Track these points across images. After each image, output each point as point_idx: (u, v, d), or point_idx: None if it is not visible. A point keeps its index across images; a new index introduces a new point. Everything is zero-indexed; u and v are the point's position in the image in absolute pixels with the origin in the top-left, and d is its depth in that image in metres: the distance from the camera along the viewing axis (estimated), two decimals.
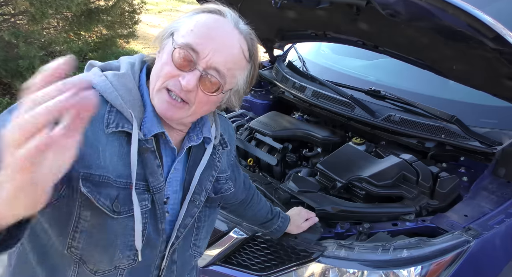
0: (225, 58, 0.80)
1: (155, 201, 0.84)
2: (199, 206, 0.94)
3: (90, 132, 0.75)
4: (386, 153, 1.69)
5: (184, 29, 0.80)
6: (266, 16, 1.99)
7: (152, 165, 0.83)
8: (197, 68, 0.78)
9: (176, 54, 0.78)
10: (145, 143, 0.81)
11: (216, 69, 0.80)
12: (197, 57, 0.78)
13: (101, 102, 0.79)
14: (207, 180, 0.95)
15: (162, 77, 0.80)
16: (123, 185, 0.79)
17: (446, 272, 1.15)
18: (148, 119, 0.82)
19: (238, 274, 1.33)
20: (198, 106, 0.82)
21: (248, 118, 2.24)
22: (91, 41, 5.53)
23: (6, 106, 4.41)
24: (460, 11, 1.09)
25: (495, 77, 1.38)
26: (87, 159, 0.74)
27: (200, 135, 0.92)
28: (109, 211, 0.77)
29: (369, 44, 1.78)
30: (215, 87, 0.81)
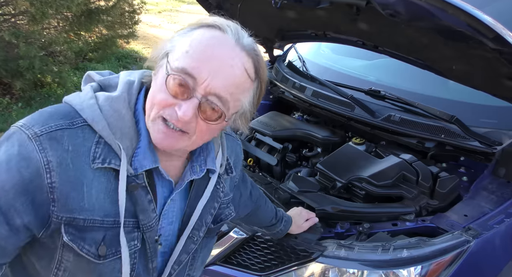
0: (226, 82, 0.71)
1: (145, 240, 0.78)
2: (197, 242, 0.88)
3: (73, 171, 0.69)
4: (386, 153, 1.69)
5: (178, 50, 0.72)
6: (266, 16, 1.99)
7: (143, 202, 0.75)
8: (195, 96, 0.70)
9: (170, 81, 0.70)
10: (135, 179, 0.74)
11: (216, 95, 0.71)
12: (194, 83, 0.70)
13: (88, 132, 0.71)
14: (208, 213, 0.88)
15: (156, 106, 0.72)
16: (111, 224, 0.73)
17: (446, 272, 1.15)
18: (141, 151, 0.74)
19: (238, 274, 1.33)
20: (199, 136, 0.74)
21: None
22: (91, 41, 5.54)
23: (6, 106, 4.41)
24: (460, 11, 1.09)
25: (495, 77, 1.38)
26: (70, 203, 0.69)
27: (203, 166, 0.84)
28: (93, 257, 0.72)
29: (369, 44, 1.78)
30: (216, 115, 0.72)
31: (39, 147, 0.67)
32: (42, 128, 0.69)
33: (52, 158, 0.67)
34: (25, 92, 4.51)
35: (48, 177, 0.67)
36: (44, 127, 0.69)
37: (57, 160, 0.68)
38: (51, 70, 4.49)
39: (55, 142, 0.68)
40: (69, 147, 0.69)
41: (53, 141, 0.68)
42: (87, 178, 0.70)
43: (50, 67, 4.46)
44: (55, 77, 4.65)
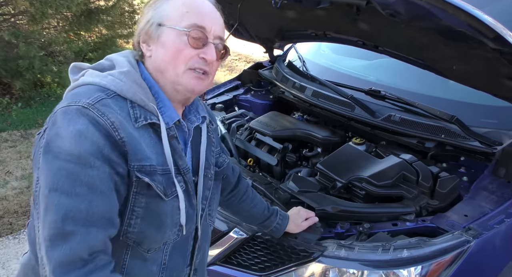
0: (220, 25, 0.92)
1: (186, 181, 0.93)
2: (211, 178, 1.04)
3: (130, 129, 0.81)
4: (386, 153, 1.68)
5: (176, 14, 0.87)
6: (266, 16, 1.99)
7: (179, 150, 0.91)
8: (210, 42, 0.88)
9: (191, 37, 0.85)
10: (169, 131, 0.89)
11: (219, 37, 0.91)
12: (205, 32, 0.87)
13: (121, 100, 0.83)
14: (210, 155, 1.05)
15: (182, 61, 0.86)
16: (162, 171, 0.86)
17: (446, 272, 1.15)
18: (166, 109, 0.90)
19: (238, 274, 1.33)
20: (213, 74, 0.92)
21: (248, 118, 2.24)
22: (91, 41, 5.53)
23: (6, 106, 4.41)
24: (460, 11, 1.09)
25: (495, 77, 1.38)
26: (138, 153, 0.81)
27: (197, 115, 1.01)
28: (163, 194, 0.85)
29: (369, 44, 1.78)
30: (223, 52, 0.93)
31: (98, 113, 0.77)
32: (90, 100, 0.78)
33: (113, 119, 0.78)
34: (24, 92, 4.52)
35: (117, 134, 0.78)
36: (91, 99, 0.79)
37: (117, 120, 0.78)
38: (51, 70, 4.49)
39: (108, 108, 0.79)
40: (117, 111, 0.80)
41: (106, 107, 0.79)
42: (137, 136, 0.82)
43: (50, 67, 4.46)
44: (55, 77, 4.65)
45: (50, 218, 0.73)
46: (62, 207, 0.73)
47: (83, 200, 0.74)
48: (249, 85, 2.56)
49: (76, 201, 0.73)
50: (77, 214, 0.73)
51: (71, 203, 0.73)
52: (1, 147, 3.78)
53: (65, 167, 0.74)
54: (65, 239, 0.72)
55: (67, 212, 0.72)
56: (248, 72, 2.60)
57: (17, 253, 2.51)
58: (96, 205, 0.75)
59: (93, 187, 0.75)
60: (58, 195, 0.73)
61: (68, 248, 0.72)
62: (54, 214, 0.73)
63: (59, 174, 0.74)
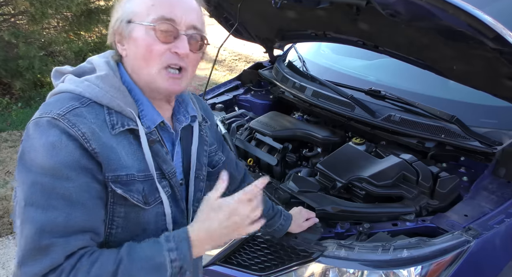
0: (195, 14, 0.85)
1: (173, 185, 0.91)
2: (203, 180, 1.02)
3: (105, 138, 0.78)
4: (386, 153, 1.68)
5: (142, 9, 0.82)
6: (266, 16, 1.99)
7: (162, 154, 0.88)
8: (181, 34, 0.82)
9: (158, 31, 0.80)
10: (150, 135, 0.86)
11: (194, 26, 0.84)
12: (175, 24, 0.82)
13: (97, 107, 0.80)
14: (202, 155, 1.02)
15: (154, 58, 0.82)
16: (144, 178, 0.84)
17: (446, 272, 1.15)
18: (146, 112, 0.86)
19: (238, 274, 1.33)
20: (191, 68, 0.87)
21: (248, 118, 2.24)
22: (91, 41, 5.53)
23: (5, 106, 4.41)
24: (460, 11, 1.09)
25: (495, 77, 1.38)
26: (112, 164, 0.78)
27: (187, 115, 0.97)
28: (142, 204, 0.83)
29: (369, 44, 1.78)
30: (200, 43, 0.86)
31: (69, 124, 0.75)
32: (60, 110, 0.76)
33: (85, 130, 0.75)
34: (24, 92, 4.52)
35: (89, 146, 0.75)
36: (63, 108, 0.76)
37: (89, 130, 0.76)
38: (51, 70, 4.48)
39: (79, 117, 0.76)
40: (91, 120, 0.78)
41: (77, 117, 0.76)
42: (114, 144, 0.79)
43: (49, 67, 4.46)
44: None
45: (26, 232, 0.72)
46: (38, 222, 0.71)
47: (61, 213, 0.72)
48: (249, 85, 2.56)
49: (53, 215, 0.72)
50: (55, 228, 0.72)
51: (48, 217, 0.72)
52: (1, 147, 3.78)
53: (39, 181, 0.72)
54: (44, 253, 0.71)
55: (43, 226, 0.71)
56: (248, 72, 2.60)
57: None
58: (75, 217, 0.74)
59: (70, 199, 0.73)
60: (34, 209, 0.72)
61: (48, 260, 0.71)
62: (30, 228, 0.71)
63: (33, 188, 0.72)
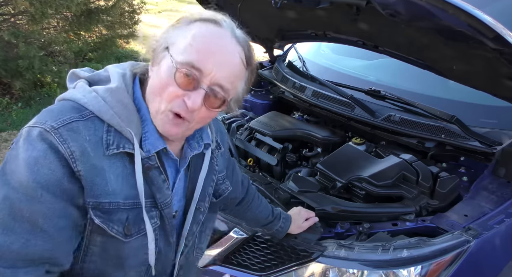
0: (228, 73, 0.78)
1: (164, 217, 0.85)
2: (204, 212, 0.95)
3: (94, 159, 0.73)
4: (386, 153, 1.68)
5: (181, 43, 0.76)
6: (266, 16, 1.99)
7: (158, 181, 0.82)
8: (201, 87, 0.76)
9: (179, 74, 0.75)
10: (148, 161, 0.80)
11: (220, 85, 0.77)
12: (200, 75, 0.75)
13: (98, 123, 0.76)
14: (208, 185, 0.96)
15: (165, 99, 0.77)
16: (131, 205, 0.78)
17: (446, 272, 1.15)
18: (149, 135, 0.80)
19: (238, 274, 1.33)
20: (199, 121, 0.81)
21: (248, 118, 2.24)
22: (91, 41, 5.54)
23: (5, 106, 4.41)
24: (460, 11, 1.09)
25: (495, 77, 1.38)
26: (95, 189, 0.74)
27: (201, 142, 0.91)
28: (121, 236, 0.78)
29: (369, 44, 1.78)
30: (219, 102, 0.79)
31: (60, 139, 0.70)
32: (57, 122, 0.72)
33: (74, 148, 0.71)
34: (24, 92, 4.51)
35: (75, 166, 0.71)
36: (59, 121, 0.72)
37: (79, 149, 0.72)
38: (51, 70, 4.49)
39: (73, 133, 0.72)
40: (86, 137, 0.73)
41: (72, 132, 0.72)
42: (105, 165, 0.75)
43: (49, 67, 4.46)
44: (55, 77, 4.65)
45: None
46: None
47: (18, 239, 0.68)
48: None
49: (10, 239, 0.67)
50: (6, 254, 0.67)
51: (4, 240, 0.67)
52: (1, 147, 3.78)
53: (11, 196, 0.68)
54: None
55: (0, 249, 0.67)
56: None
57: None
58: (34, 245, 0.69)
59: (35, 224, 0.69)
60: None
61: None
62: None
63: (3, 204, 0.68)
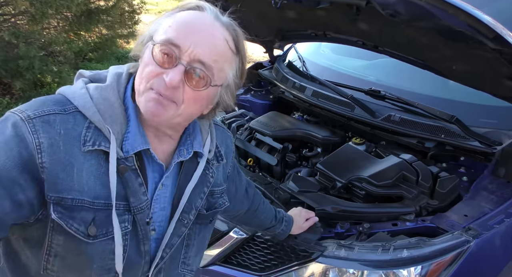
0: (209, 49, 0.75)
1: (136, 222, 0.80)
2: (187, 225, 0.90)
3: (64, 154, 0.72)
4: (386, 153, 1.69)
5: (161, 28, 0.77)
6: (266, 16, 1.99)
7: (133, 184, 0.78)
8: (180, 63, 0.74)
9: (156, 51, 0.74)
10: (125, 161, 0.76)
11: (201, 61, 0.75)
12: (179, 52, 0.74)
13: (79, 118, 0.75)
14: (197, 197, 0.90)
15: (145, 78, 0.75)
16: (102, 206, 0.75)
17: (446, 272, 1.15)
18: (131, 135, 0.78)
19: (238, 274, 1.33)
20: (187, 104, 0.77)
21: (248, 118, 2.24)
22: (91, 41, 5.53)
23: (6, 106, 4.40)
24: (460, 11, 1.09)
25: (495, 77, 1.38)
26: (58, 183, 0.71)
27: (190, 149, 0.87)
28: (83, 236, 0.74)
29: (369, 44, 1.78)
30: (202, 81, 0.76)
31: (32, 129, 0.70)
32: (35, 112, 0.72)
33: (44, 139, 0.70)
34: (25, 92, 4.51)
35: (39, 157, 0.70)
36: (38, 111, 0.72)
37: (48, 141, 0.71)
38: (51, 70, 4.49)
39: (47, 125, 0.72)
40: (61, 130, 0.73)
41: (46, 124, 0.72)
42: (78, 161, 0.73)
43: (50, 67, 4.46)
44: (55, 77, 4.65)
45: None
46: None
47: None
48: (249, 85, 2.56)
49: None
50: None
51: None
52: None
53: None
54: None
55: None
56: (248, 72, 2.58)
57: None
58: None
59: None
60: None
61: None
62: None
63: None
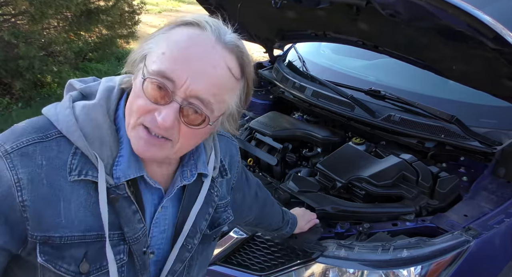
0: (208, 83, 0.66)
1: (132, 252, 0.74)
2: (191, 250, 0.84)
3: (48, 187, 0.65)
4: (386, 153, 1.69)
5: (155, 52, 0.67)
6: (266, 16, 1.99)
7: (127, 213, 0.71)
8: (174, 100, 0.65)
9: (148, 85, 0.65)
10: (115, 190, 0.70)
11: (198, 97, 0.66)
12: (173, 87, 0.65)
13: (64, 144, 0.68)
14: (202, 219, 0.84)
15: (135, 113, 0.67)
16: (94, 238, 0.69)
17: (446, 272, 1.15)
18: (123, 159, 0.70)
19: (238, 274, 1.33)
20: (184, 141, 0.70)
21: (248, 118, 2.24)
22: (91, 41, 5.54)
23: (6, 106, 4.40)
24: (460, 11, 1.09)
25: (495, 77, 1.38)
26: (44, 222, 0.65)
27: (194, 171, 0.80)
28: (74, 275, 0.69)
29: (369, 44, 1.78)
30: (200, 118, 0.68)
31: (10, 165, 0.64)
32: (13, 145, 0.66)
33: (23, 175, 0.64)
34: (25, 92, 4.51)
35: (19, 196, 0.64)
36: (16, 143, 0.66)
37: (28, 177, 0.64)
38: (51, 70, 4.49)
39: (26, 158, 0.65)
40: (43, 161, 0.66)
41: (24, 157, 0.65)
42: (64, 193, 0.67)
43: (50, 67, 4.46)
44: (55, 77, 4.65)
45: None
46: None
47: None
48: None
49: None
50: None
51: None
52: None
53: None
54: None
55: None
56: None
57: None
58: None
59: None
60: None
61: None
62: None
63: None
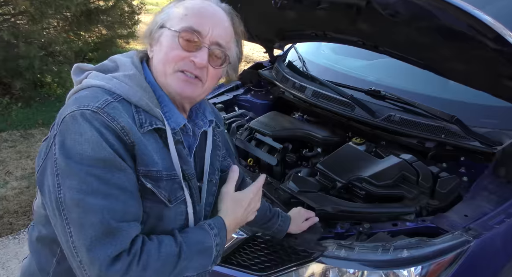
0: (223, 32, 0.90)
1: (191, 187, 0.92)
2: (216, 184, 1.03)
3: (138, 133, 0.80)
4: (386, 153, 1.68)
5: (176, 16, 0.87)
6: (266, 16, 1.99)
7: (184, 155, 0.90)
8: (204, 46, 0.86)
9: (182, 39, 0.85)
10: (174, 136, 0.88)
11: (218, 43, 0.88)
12: (200, 36, 0.86)
13: (126, 104, 0.81)
14: (215, 159, 1.04)
15: (171, 62, 0.86)
16: (168, 176, 0.85)
17: (446, 272, 1.15)
18: (171, 113, 0.88)
19: (238, 274, 1.33)
20: (210, 81, 0.90)
21: (248, 118, 2.23)
22: (91, 41, 5.54)
23: (6, 106, 4.41)
24: (460, 11, 1.09)
25: (495, 77, 1.38)
26: (145, 159, 0.81)
27: (205, 119, 1.00)
28: (167, 201, 0.85)
29: (369, 44, 1.78)
30: (221, 60, 0.90)
31: (108, 117, 0.76)
32: (99, 103, 0.78)
33: (123, 123, 0.78)
34: (24, 92, 4.51)
35: (127, 138, 0.78)
36: (100, 102, 0.78)
37: (126, 124, 0.78)
38: (51, 70, 4.49)
39: (117, 111, 0.78)
40: (126, 115, 0.80)
41: (116, 110, 0.78)
42: (144, 140, 0.81)
43: (49, 67, 4.46)
44: (55, 77, 4.66)
45: (91, 220, 0.73)
46: (102, 209, 0.74)
47: (119, 201, 0.76)
48: (249, 85, 2.56)
49: (113, 202, 0.75)
50: (116, 214, 0.75)
51: (110, 204, 0.75)
52: (1, 147, 3.78)
53: (92, 172, 0.74)
54: (113, 236, 0.74)
55: (108, 212, 0.74)
56: (248, 72, 2.59)
57: (17, 253, 2.51)
58: (130, 205, 0.78)
59: (124, 188, 0.77)
60: (94, 198, 0.74)
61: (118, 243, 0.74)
62: (95, 215, 0.73)
63: (89, 179, 0.74)
